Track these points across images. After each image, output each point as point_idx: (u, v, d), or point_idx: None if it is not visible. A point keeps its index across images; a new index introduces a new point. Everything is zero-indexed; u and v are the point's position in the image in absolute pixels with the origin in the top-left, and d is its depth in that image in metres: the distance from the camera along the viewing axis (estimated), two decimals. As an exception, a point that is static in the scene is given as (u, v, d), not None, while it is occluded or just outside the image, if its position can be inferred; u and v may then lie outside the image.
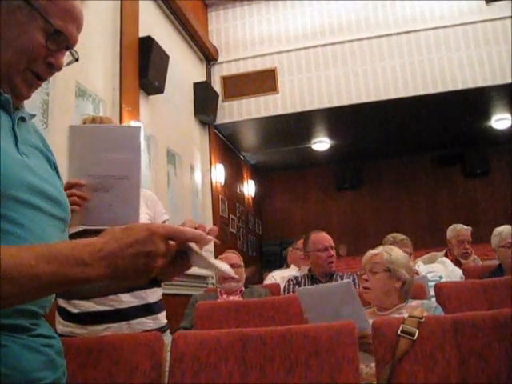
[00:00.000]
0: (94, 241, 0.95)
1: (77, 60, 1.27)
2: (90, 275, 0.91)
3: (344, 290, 2.31)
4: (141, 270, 0.95)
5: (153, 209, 2.46)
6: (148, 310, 2.30)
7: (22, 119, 1.22)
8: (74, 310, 2.22)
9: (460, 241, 4.87)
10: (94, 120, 2.36)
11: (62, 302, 2.28)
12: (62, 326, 2.26)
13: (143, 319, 2.22)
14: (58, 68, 1.21)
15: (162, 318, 2.39)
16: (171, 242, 1.00)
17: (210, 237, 1.06)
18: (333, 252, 4.05)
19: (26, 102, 1.26)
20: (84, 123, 2.35)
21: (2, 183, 1.02)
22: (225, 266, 1.12)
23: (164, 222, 2.48)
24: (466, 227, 4.96)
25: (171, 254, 1.00)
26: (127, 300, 2.23)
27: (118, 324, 2.19)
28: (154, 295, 2.35)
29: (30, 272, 0.87)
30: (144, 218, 2.32)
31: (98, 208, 1.68)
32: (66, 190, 1.70)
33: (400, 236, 4.22)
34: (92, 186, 1.65)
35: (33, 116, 1.30)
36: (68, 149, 1.65)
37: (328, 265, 4.00)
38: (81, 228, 2.00)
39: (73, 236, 2.16)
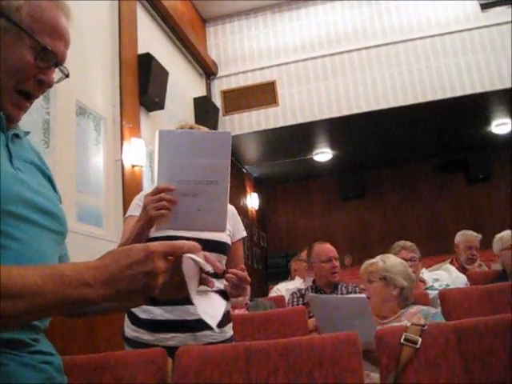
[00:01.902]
0: (95, 263, 0.96)
1: (67, 76, 1.29)
2: (93, 296, 0.92)
3: (358, 304, 2.31)
4: (142, 289, 0.95)
5: (233, 225, 2.45)
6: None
7: (17, 136, 1.24)
8: (143, 316, 2.21)
9: (468, 247, 4.86)
10: (192, 128, 2.35)
11: None
12: (130, 330, 2.26)
13: (209, 332, 2.20)
14: (49, 85, 1.24)
15: (229, 330, 2.36)
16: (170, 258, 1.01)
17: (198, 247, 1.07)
18: (336, 263, 4.05)
19: (27, 122, 1.28)
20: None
21: None
22: (212, 313, 1.12)
23: (242, 238, 2.50)
24: (475, 234, 4.96)
25: (173, 271, 1.01)
26: (195, 312, 2.21)
27: (184, 334, 2.18)
28: None
29: (36, 290, 0.88)
30: (225, 233, 2.32)
31: (186, 213, 1.70)
32: (155, 194, 1.72)
33: (408, 243, 4.21)
34: (181, 191, 1.67)
35: (27, 133, 1.31)
36: (157, 154, 1.66)
37: (331, 275, 4.00)
38: (165, 233, 2.02)
39: (154, 240, 2.17)
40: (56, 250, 1.25)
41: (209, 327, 2.17)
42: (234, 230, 2.45)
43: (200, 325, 2.12)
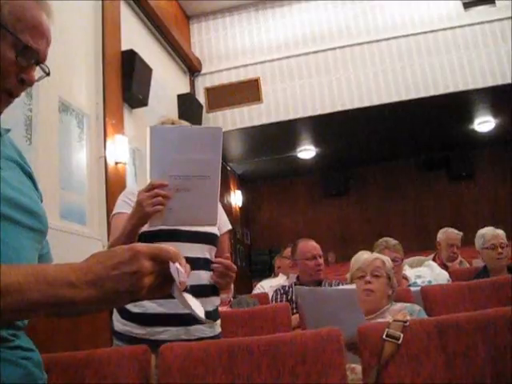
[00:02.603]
0: (79, 264, 0.94)
1: (48, 74, 1.28)
2: (78, 297, 0.90)
3: (348, 296, 2.30)
4: (128, 290, 0.94)
5: (219, 217, 2.46)
6: (206, 317, 2.26)
7: None
8: (135, 310, 2.18)
9: (449, 244, 4.90)
10: (173, 123, 2.36)
11: None
12: (120, 324, 2.23)
13: (200, 326, 2.18)
14: (30, 83, 1.23)
15: (218, 326, 2.36)
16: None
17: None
18: (321, 260, 4.06)
19: (9, 118, 1.27)
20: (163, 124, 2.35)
21: None
22: (198, 309, 1.12)
23: (228, 231, 2.52)
24: (457, 232, 4.99)
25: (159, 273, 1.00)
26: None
27: (176, 328, 2.17)
28: (212, 303, 2.34)
29: (17, 289, 0.87)
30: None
31: (179, 208, 1.73)
32: (148, 191, 1.72)
33: (392, 241, 4.19)
34: (174, 186, 1.69)
35: (8, 130, 1.30)
36: (149, 149, 1.67)
37: (316, 273, 4.01)
38: (157, 227, 2.01)
39: (147, 234, 2.16)
40: (35, 248, 1.24)
41: (201, 322, 2.15)
42: (220, 222, 2.46)
43: (193, 319, 2.12)
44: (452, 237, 4.96)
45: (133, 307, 2.20)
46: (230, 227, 2.54)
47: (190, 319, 2.11)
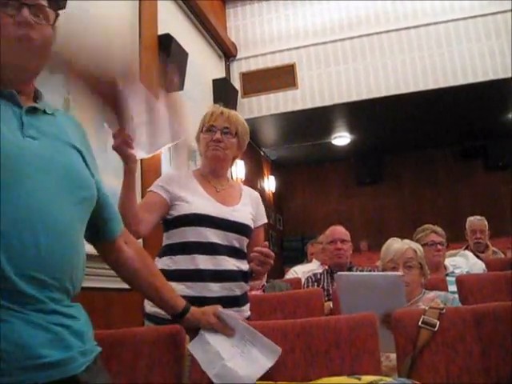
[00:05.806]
0: None
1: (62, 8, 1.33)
2: None
3: (394, 281, 2.26)
4: None
5: (256, 210, 2.54)
6: (233, 301, 2.30)
7: (35, 110, 1.30)
8: None
9: (472, 231, 4.87)
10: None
11: None
12: (149, 305, 2.27)
13: (228, 310, 2.22)
14: (26, 22, 1.24)
15: (247, 310, 2.41)
16: None
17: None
18: (341, 245, 4.05)
19: (48, 100, 1.32)
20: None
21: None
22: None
23: (263, 224, 2.58)
24: (479, 217, 4.95)
25: None
26: (215, 290, 2.25)
27: None
28: (240, 288, 2.36)
29: None
30: (248, 217, 2.44)
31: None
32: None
33: (438, 228, 4.16)
34: None
35: (56, 110, 1.39)
36: None
37: (335, 257, 4.01)
38: (186, 212, 2.32)
39: (178, 218, 2.35)
40: (68, 202, 1.28)
41: (228, 305, 2.19)
42: (256, 215, 2.52)
43: (219, 302, 2.14)
44: (474, 223, 4.93)
45: None
46: (265, 221, 2.59)
47: (216, 303, 2.13)
